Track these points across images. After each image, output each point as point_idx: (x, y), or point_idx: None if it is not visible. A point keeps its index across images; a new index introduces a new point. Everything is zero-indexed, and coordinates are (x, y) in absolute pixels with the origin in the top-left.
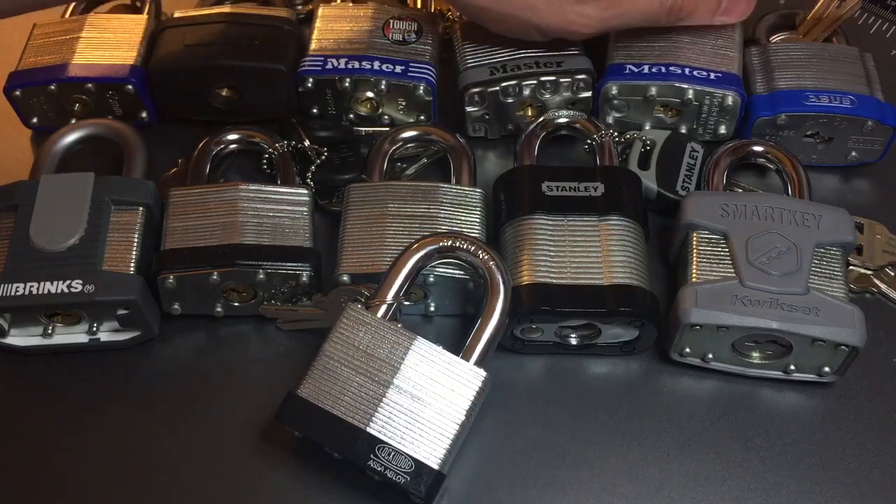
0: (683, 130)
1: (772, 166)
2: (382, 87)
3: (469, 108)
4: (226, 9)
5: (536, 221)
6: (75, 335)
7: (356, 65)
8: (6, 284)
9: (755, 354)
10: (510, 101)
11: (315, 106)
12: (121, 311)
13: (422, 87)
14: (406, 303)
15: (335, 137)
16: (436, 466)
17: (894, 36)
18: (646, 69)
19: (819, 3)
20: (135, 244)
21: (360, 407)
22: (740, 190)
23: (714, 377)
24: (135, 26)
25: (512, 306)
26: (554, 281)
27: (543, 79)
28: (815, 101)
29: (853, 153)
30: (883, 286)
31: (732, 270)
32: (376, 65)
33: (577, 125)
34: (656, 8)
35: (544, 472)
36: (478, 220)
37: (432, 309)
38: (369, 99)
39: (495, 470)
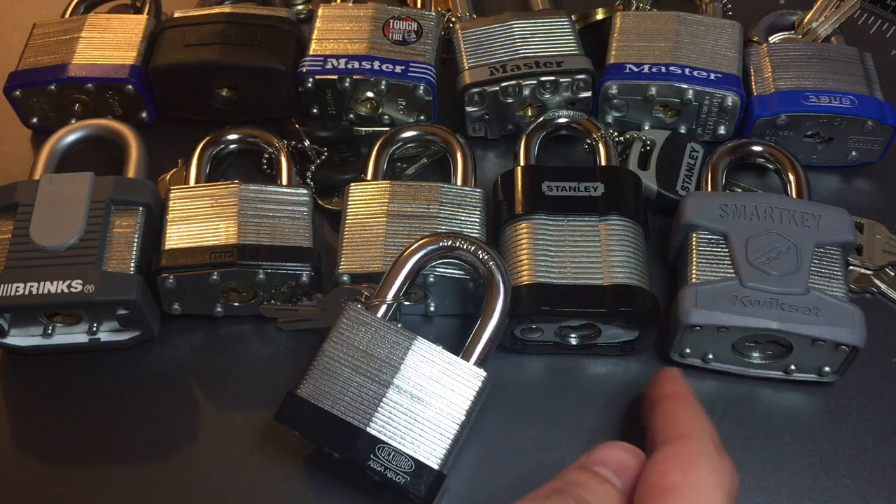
0: (683, 130)
1: (771, 166)
2: (382, 87)
3: (469, 108)
4: (226, 9)
5: (536, 221)
6: (75, 335)
7: (356, 65)
8: (6, 284)
9: (755, 355)
10: (510, 101)
11: (315, 106)
12: (121, 311)
13: (422, 87)
14: (406, 303)
15: (335, 137)
16: (436, 466)
17: (894, 36)
18: (646, 69)
19: (818, 3)
20: (135, 244)
21: (359, 407)
22: (740, 190)
23: (714, 377)
24: (135, 26)
25: (512, 306)
26: (554, 281)
27: (543, 79)
28: (815, 102)
29: (853, 153)
30: (883, 286)
31: (732, 271)
32: (376, 65)
33: (577, 125)
34: None
35: (544, 472)
36: (478, 220)
37: (432, 309)
38: (369, 99)
39: (495, 470)
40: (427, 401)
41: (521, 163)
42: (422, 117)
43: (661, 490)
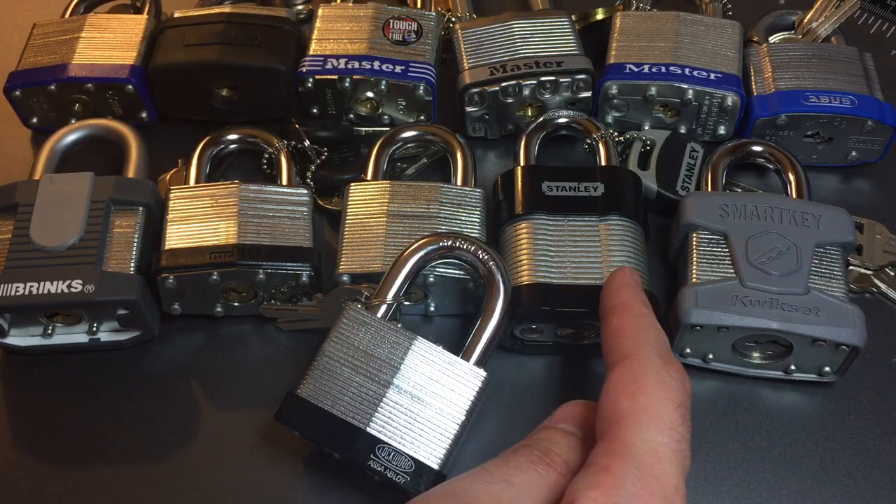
0: (683, 130)
1: (771, 166)
2: (382, 87)
3: (469, 108)
4: (226, 9)
5: (536, 221)
6: (75, 335)
7: (356, 65)
8: (6, 284)
9: (755, 354)
10: (510, 101)
11: (315, 106)
12: (121, 311)
13: (422, 87)
14: (406, 303)
15: (335, 137)
16: (436, 466)
17: (894, 36)
18: (646, 69)
19: (818, 3)
20: (135, 244)
21: (359, 407)
22: (740, 190)
23: (714, 377)
24: (135, 26)
25: (512, 306)
26: (554, 281)
27: (543, 79)
28: (815, 102)
29: (853, 153)
30: (883, 286)
31: (732, 271)
32: (376, 65)
33: (577, 125)
34: None
35: None
36: (478, 220)
37: (432, 309)
38: (369, 99)
39: None
40: (427, 401)
41: (521, 163)
42: (422, 117)
43: (616, 418)
